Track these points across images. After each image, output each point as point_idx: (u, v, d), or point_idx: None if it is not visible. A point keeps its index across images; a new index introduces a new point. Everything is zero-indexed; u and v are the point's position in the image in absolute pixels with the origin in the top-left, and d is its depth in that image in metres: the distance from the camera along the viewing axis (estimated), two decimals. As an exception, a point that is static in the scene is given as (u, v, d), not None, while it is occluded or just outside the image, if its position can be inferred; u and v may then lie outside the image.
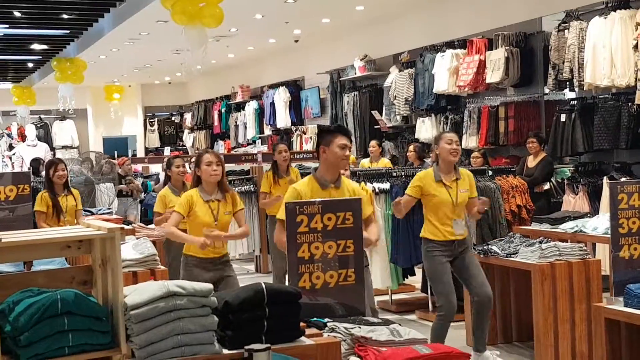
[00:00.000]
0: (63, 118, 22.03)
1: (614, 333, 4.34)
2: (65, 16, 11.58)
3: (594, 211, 7.70)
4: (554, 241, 5.82)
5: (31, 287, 2.97)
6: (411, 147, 10.14)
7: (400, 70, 12.21)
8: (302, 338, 3.22)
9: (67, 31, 13.06)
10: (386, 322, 3.70)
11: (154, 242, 6.45)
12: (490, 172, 7.65)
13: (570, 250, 5.64)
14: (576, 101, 8.89)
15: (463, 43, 10.82)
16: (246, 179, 10.20)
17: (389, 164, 10.33)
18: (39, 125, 21.60)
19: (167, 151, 16.13)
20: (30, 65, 17.34)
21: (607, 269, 6.41)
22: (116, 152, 16.25)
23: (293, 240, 3.81)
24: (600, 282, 5.67)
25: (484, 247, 6.08)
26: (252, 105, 17.91)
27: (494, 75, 9.94)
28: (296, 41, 15.14)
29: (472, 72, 10.28)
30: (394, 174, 7.57)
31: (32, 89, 20.00)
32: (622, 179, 7.34)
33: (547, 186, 8.69)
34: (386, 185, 7.42)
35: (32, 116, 21.02)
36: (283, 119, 16.34)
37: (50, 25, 12.58)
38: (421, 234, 5.53)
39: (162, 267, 5.78)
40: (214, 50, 13.68)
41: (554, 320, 5.53)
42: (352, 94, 13.69)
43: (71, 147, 22.17)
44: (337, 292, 3.86)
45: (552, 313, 5.52)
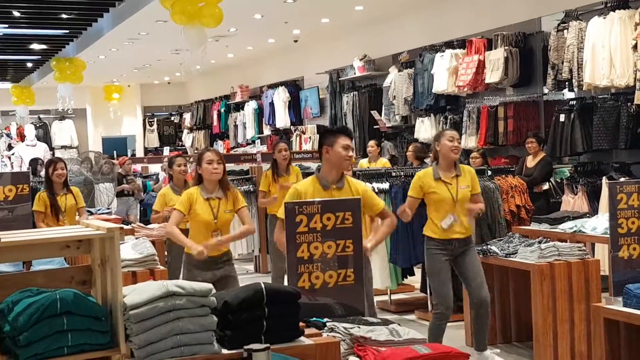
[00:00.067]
0: (62, 118, 22.02)
1: (613, 333, 4.34)
2: (64, 16, 11.58)
3: (593, 211, 7.70)
4: (553, 241, 5.82)
5: (30, 287, 2.97)
6: (411, 147, 10.14)
7: (399, 70, 12.21)
8: (302, 338, 3.22)
9: (67, 31, 13.06)
10: (385, 322, 3.70)
11: (153, 242, 6.46)
12: (490, 172, 7.65)
13: (570, 250, 5.64)
14: (575, 101, 8.89)
15: (462, 43, 10.82)
16: (245, 178, 10.22)
17: (388, 163, 10.31)
18: (38, 125, 21.57)
19: (166, 151, 16.13)
20: (30, 65, 17.34)
21: (606, 269, 6.42)
22: (115, 152, 16.27)
23: (292, 240, 3.81)
24: (600, 282, 5.67)
25: (483, 247, 6.08)
26: (251, 105, 17.90)
27: (493, 75, 9.94)
28: (295, 41, 15.14)
29: (472, 72, 10.28)
30: (393, 174, 7.57)
31: (31, 88, 19.99)
32: (621, 179, 7.34)
33: (546, 186, 8.69)
34: (385, 185, 7.42)
35: (31, 116, 21.00)
36: (282, 119, 16.33)
37: (49, 25, 12.58)
38: (424, 231, 5.53)
39: (162, 267, 5.78)
40: (213, 50, 13.68)
41: (553, 320, 5.53)
42: (352, 94, 13.68)
43: (70, 147, 22.15)
44: (336, 292, 3.87)
45: (551, 313, 5.52)
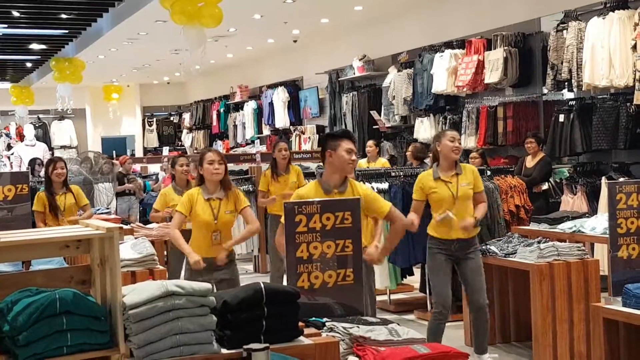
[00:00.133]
0: (61, 118, 22.01)
1: (613, 333, 4.34)
2: (64, 16, 11.58)
3: (592, 211, 7.71)
4: (552, 241, 5.83)
5: (29, 287, 2.97)
6: (410, 147, 10.14)
7: (399, 71, 12.20)
8: (301, 338, 3.22)
9: (66, 31, 13.07)
10: (385, 322, 3.70)
11: (152, 242, 6.45)
12: (489, 172, 7.64)
13: (569, 250, 5.65)
14: (575, 101, 8.89)
15: (462, 43, 10.82)
16: (245, 178, 10.22)
17: (387, 163, 10.31)
18: (37, 125, 21.56)
19: (165, 151, 16.13)
20: (29, 65, 17.35)
21: (605, 269, 6.42)
22: (114, 151, 16.27)
23: (292, 240, 3.81)
24: (599, 282, 5.67)
25: (482, 247, 6.08)
26: (250, 105, 17.90)
27: (492, 76, 9.94)
28: (295, 41, 15.14)
29: (471, 72, 10.28)
30: (393, 174, 7.57)
31: (31, 88, 20.00)
32: (621, 179, 7.34)
33: (545, 186, 8.69)
34: (384, 185, 7.43)
35: (30, 116, 21.00)
36: (282, 119, 16.33)
37: (48, 25, 12.59)
38: (427, 230, 5.53)
39: (161, 267, 5.78)
40: (212, 50, 13.69)
41: (552, 320, 5.53)
42: (351, 94, 13.68)
43: (69, 147, 22.14)
44: (335, 291, 3.87)
45: (551, 313, 5.52)
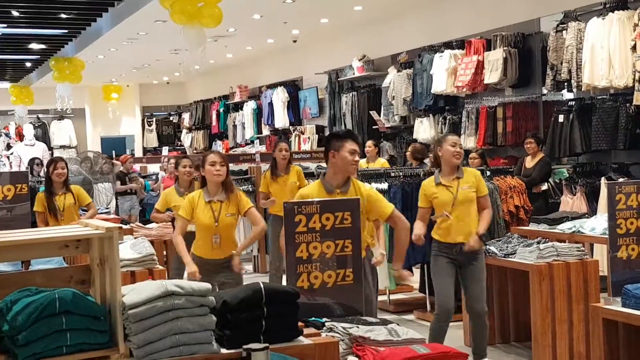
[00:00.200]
0: (61, 118, 22.01)
1: (612, 333, 4.34)
2: (63, 16, 11.58)
3: (592, 212, 7.71)
4: (551, 241, 5.82)
5: (29, 287, 2.96)
6: (410, 148, 10.14)
7: (398, 71, 12.21)
8: (300, 338, 3.21)
9: (65, 31, 13.06)
10: (384, 322, 3.70)
11: (152, 241, 6.46)
12: (489, 173, 7.65)
13: (568, 251, 5.64)
14: (574, 102, 8.89)
15: (461, 43, 10.82)
16: (244, 179, 10.22)
17: (386, 164, 10.30)
18: (36, 125, 21.56)
19: (165, 151, 16.14)
20: (28, 64, 17.35)
21: (604, 270, 6.42)
22: (114, 151, 16.28)
23: (291, 240, 3.81)
24: (598, 283, 5.68)
25: (483, 248, 6.07)
26: (250, 105, 17.90)
27: (492, 76, 9.94)
28: (294, 41, 15.13)
29: (471, 72, 10.28)
30: (392, 174, 7.58)
31: (30, 88, 19.99)
32: (620, 180, 7.34)
33: (545, 187, 8.69)
34: (384, 186, 7.43)
35: (30, 116, 20.99)
36: (281, 119, 16.33)
37: (48, 25, 12.58)
38: (431, 234, 5.55)
39: (160, 267, 5.78)
40: (212, 50, 13.68)
41: (551, 320, 5.53)
42: (351, 94, 13.68)
43: (69, 147, 22.14)
44: (335, 291, 3.87)
45: (550, 313, 5.52)
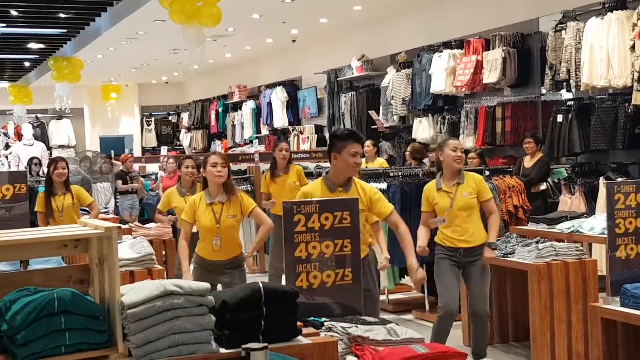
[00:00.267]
0: (60, 117, 21.98)
1: (611, 333, 4.34)
2: (62, 15, 11.57)
3: (591, 211, 7.71)
4: (550, 241, 5.83)
5: (28, 286, 2.96)
6: (409, 148, 10.15)
7: (397, 71, 12.21)
8: (299, 337, 3.21)
9: (64, 30, 13.06)
10: (383, 322, 3.70)
11: (150, 241, 6.45)
12: (487, 173, 7.66)
13: (567, 250, 5.65)
14: (573, 101, 8.89)
15: (460, 43, 10.82)
16: (243, 178, 10.22)
17: (385, 163, 10.31)
18: (35, 125, 21.54)
19: (164, 151, 16.15)
20: (27, 64, 17.34)
21: (603, 269, 6.41)
22: (113, 151, 16.27)
23: (290, 240, 3.81)
24: (597, 282, 5.68)
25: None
26: (249, 105, 17.89)
27: (491, 76, 9.95)
28: (293, 41, 15.13)
29: (469, 72, 10.28)
30: (391, 174, 7.58)
31: (29, 88, 19.99)
32: (619, 179, 7.35)
33: (543, 186, 8.69)
34: (383, 185, 7.43)
35: (28, 115, 20.99)
36: (280, 119, 16.33)
37: (47, 24, 12.58)
38: (435, 239, 5.55)
39: (159, 267, 5.79)
40: (211, 50, 13.67)
41: (550, 320, 5.53)
42: (350, 94, 13.68)
43: (68, 147, 22.12)
44: (334, 291, 3.87)
45: (549, 313, 5.52)
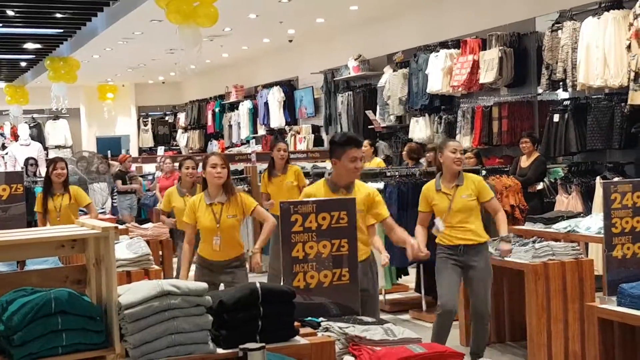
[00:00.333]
0: (56, 117, 21.95)
1: (607, 332, 4.35)
2: (58, 15, 11.55)
3: (587, 211, 7.72)
4: (547, 241, 5.83)
5: (24, 287, 2.96)
6: (406, 147, 10.15)
7: (394, 70, 12.21)
8: (297, 337, 3.22)
9: (61, 30, 13.03)
10: (380, 322, 3.70)
11: (147, 241, 6.45)
12: (484, 172, 7.66)
13: (564, 250, 5.65)
14: (569, 101, 8.91)
15: (457, 43, 10.83)
16: (240, 178, 10.21)
17: (382, 163, 10.31)
18: (31, 125, 21.48)
19: (160, 151, 16.10)
20: (23, 64, 17.29)
21: (600, 269, 6.42)
22: (109, 151, 16.23)
23: (287, 240, 3.81)
24: (594, 282, 5.68)
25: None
26: (246, 105, 17.89)
27: (487, 76, 9.95)
28: (290, 41, 15.12)
29: (466, 72, 10.29)
30: (388, 174, 7.59)
31: (25, 88, 19.94)
32: (615, 179, 7.36)
33: (540, 186, 8.70)
34: (380, 185, 7.43)
35: (24, 115, 20.93)
36: (277, 119, 16.33)
37: (43, 24, 12.55)
38: (436, 239, 5.56)
39: (156, 267, 5.78)
40: (208, 50, 13.65)
41: (547, 319, 5.54)
42: (346, 94, 13.68)
43: (64, 147, 22.08)
44: (331, 291, 3.87)
45: (546, 313, 5.53)
